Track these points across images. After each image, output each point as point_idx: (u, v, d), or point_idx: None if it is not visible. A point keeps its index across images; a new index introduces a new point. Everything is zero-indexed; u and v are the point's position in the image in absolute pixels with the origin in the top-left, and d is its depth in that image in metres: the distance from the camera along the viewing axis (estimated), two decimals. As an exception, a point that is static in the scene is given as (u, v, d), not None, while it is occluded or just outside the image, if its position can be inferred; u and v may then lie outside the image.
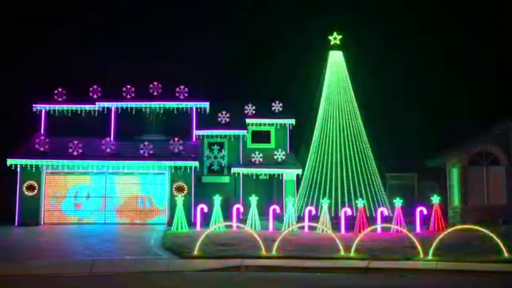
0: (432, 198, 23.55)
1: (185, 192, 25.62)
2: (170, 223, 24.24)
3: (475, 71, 38.28)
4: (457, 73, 38.10)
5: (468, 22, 39.58)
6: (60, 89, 28.32)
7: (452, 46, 39.59)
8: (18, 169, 25.51)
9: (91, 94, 28.25)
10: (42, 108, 28.17)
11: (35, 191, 25.56)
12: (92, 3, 42.70)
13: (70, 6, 40.99)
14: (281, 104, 29.41)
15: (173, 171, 26.01)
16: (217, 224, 21.75)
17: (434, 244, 15.73)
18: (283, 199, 26.40)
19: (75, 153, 25.77)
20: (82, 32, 39.57)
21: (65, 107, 28.09)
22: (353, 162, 27.26)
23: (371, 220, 23.22)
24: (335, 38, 29.49)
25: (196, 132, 28.15)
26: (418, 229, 22.55)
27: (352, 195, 26.24)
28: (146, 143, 26.31)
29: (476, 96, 36.42)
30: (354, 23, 34.28)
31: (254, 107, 29.19)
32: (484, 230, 16.08)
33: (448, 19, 41.10)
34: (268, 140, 29.17)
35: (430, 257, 15.51)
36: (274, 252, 16.21)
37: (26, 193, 25.46)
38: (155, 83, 28.35)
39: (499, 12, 39.35)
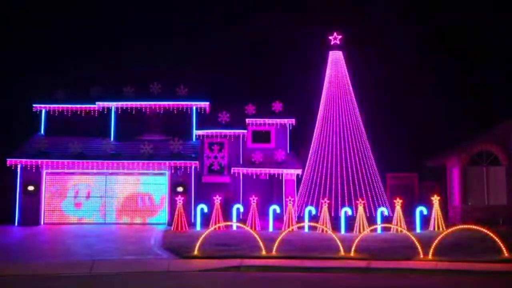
0: (432, 198, 23.54)
1: (185, 192, 25.61)
2: (170, 223, 24.28)
3: (476, 70, 38.31)
4: (458, 73, 38.11)
5: (468, 20, 39.58)
6: (60, 89, 28.29)
7: (453, 46, 39.59)
8: (18, 169, 25.51)
9: (91, 94, 28.24)
10: (42, 108, 28.17)
11: (35, 191, 25.55)
12: (92, 2, 42.72)
13: (71, 6, 41.03)
14: (281, 104, 29.39)
15: (173, 171, 26.01)
16: (217, 224, 21.75)
17: (434, 244, 15.74)
18: (283, 199, 26.40)
19: (75, 153, 25.76)
20: (82, 31, 39.60)
21: (65, 107, 28.09)
22: (353, 162, 27.23)
23: (371, 220, 23.21)
24: (335, 38, 29.53)
25: (196, 132, 28.14)
26: (418, 229, 22.55)
27: (352, 195, 26.22)
28: (146, 143, 26.32)
29: (476, 96, 36.44)
30: (354, 23, 34.29)
31: (254, 107, 29.18)
32: (484, 230, 16.08)
33: (448, 18, 41.12)
34: (268, 140, 29.12)
35: (430, 257, 15.52)
36: (274, 252, 16.22)
37: (26, 193, 25.45)
38: (155, 83, 28.34)
39: (500, 11, 39.36)
